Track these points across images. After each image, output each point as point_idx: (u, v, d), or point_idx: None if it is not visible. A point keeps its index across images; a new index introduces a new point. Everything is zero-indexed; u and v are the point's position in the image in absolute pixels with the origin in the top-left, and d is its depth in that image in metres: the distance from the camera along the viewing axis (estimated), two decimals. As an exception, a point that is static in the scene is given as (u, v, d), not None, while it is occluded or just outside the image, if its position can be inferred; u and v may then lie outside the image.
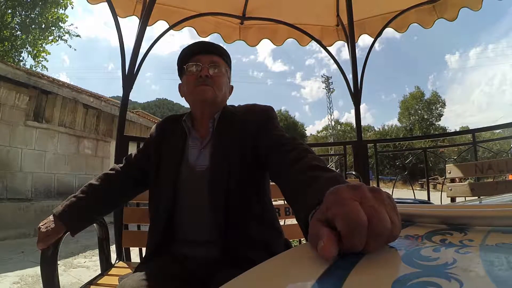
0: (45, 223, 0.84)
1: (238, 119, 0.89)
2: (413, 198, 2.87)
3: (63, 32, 10.04)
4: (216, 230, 0.79)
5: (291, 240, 2.23)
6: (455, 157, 2.63)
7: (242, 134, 0.85)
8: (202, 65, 0.87)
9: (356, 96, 2.38)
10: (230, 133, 0.86)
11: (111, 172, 0.98)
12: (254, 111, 0.90)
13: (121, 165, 1.01)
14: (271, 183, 0.92)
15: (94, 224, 1.05)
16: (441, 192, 2.15)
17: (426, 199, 2.49)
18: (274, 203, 1.57)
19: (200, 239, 0.83)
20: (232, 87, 1.00)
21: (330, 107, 36.76)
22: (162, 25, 2.45)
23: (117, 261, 1.42)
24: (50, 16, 9.47)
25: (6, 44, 8.94)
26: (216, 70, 0.88)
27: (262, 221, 0.84)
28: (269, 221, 0.88)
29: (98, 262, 1.18)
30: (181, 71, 0.94)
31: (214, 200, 0.80)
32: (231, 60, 0.97)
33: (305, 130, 46.21)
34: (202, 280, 0.76)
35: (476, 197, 1.81)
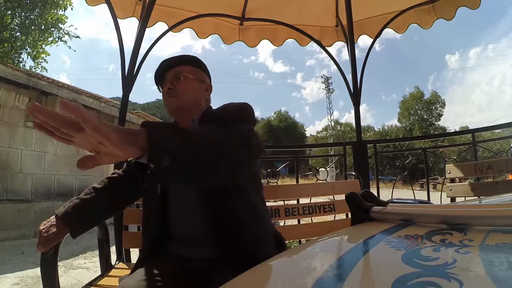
0: (46, 226, 0.84)
1: (215, 119, 0.90)
2: (413, 198, 2.86)
3: (63, 33, 10.04)
4: (204, 228, 0.81)
5: (291, 241, 2.23)
6: (455, 157, 2.63)
7: None
8: (165, 80, 0.93)
9: (355, 97, 2.38)
10: None
11: (113, 176, 1.02)
12: (227, 110, 0.92)
13: (122, 169, 1.05)
14: (272, 183, 0.93)
15: (94, 225, 1.06)
16: (441, 192, 2.15)
17: (426, 199, 2.49)
18: (274, 203, 1.56)
19: (191, 237, 0.85)
20: (209, 84, 1.01)
21: (330, 108, 36.81)
22: (162, 26, 2.46)
23: (117, 262, 1.42)
24: (49, 17, 9.46)
25: (5, 45, 8.93)
26: (178, 79, 0.92)
27: (250, 217, 0.84)
28: (258, 217, 0.87)
29: (98, 263, 1.18)
30: None
31: (197, 199, 0.83)
32: (200, 62, 1.00)
33: (305, 130, 46.23)
34: (201, 280, 0.77)
35: (476, 197, 1.81)
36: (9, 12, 8.83)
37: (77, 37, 10.41)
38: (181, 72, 0.92)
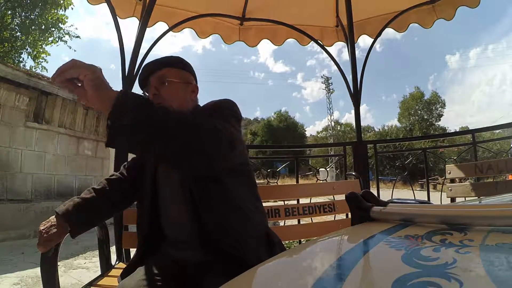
0: (47, 226, 0.84)
1: None
2: (413, 198, 2.86)
3: (63, 33, 10.04)
4: (190, 229, 0.82)
5: (291, 241, 2.22)
6: (455, 158, 2.63)
7: None
8: (150, 86, 0.91)
9: (355, 97, 2.38)
10: None
11: (112, 177, 1.03)
12: (209, 107, 0.91)
13: (120, 171, 1.06)
14: (272, 183, 0.92)
15: (94, 225, 1.06)
16: (441, 192, 2.15)
17: (426, 199, 2.48)
18: (274, 203, 1.56)
19: (180, 238, 0.86)
20: (195, 86, 0.98)
21: (330, 108, 36.78)
22: (162, 26, 2.46)
23: (117, 262, 1.42)
24: (50, 17, 9.47)
25: (6, 45, 8.93)
26: (163, 83, 0.90)
27: (233, 217, 0.82)
28: (243, 217, 0.85)
29: (98, 263, 1.18)
30: None
31: (182, 200, 0.84)
32: (185, 63, 0.97)
33: (305, 130, 46.16)
34: (193, 282, 0.77)
35: (476, 197, 1.81)
36: (9, 12, 8.83)
37: (78, 37, 10.41)
38: (166, 76, 0.89)
